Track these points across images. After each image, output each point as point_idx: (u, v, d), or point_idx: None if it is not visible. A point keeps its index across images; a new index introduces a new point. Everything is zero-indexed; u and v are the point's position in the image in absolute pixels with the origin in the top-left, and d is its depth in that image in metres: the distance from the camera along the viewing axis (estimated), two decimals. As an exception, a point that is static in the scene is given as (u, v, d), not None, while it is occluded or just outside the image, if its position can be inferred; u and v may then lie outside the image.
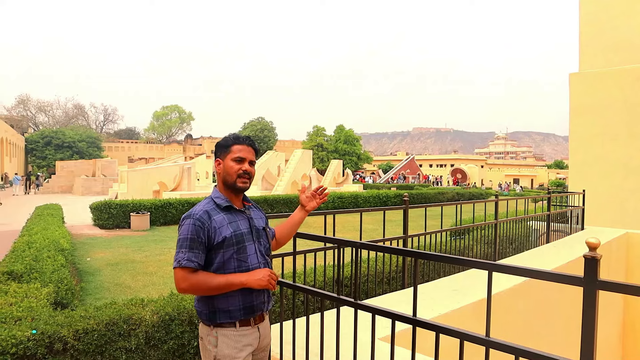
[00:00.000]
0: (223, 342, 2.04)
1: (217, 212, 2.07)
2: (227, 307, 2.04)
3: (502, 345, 1.61)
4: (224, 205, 2.11)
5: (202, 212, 2.03)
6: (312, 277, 5.33)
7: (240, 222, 2.12)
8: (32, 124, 73.12)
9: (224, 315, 2.04)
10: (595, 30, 9.16)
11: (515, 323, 4.19)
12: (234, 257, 2.05)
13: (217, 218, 2.05)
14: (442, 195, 29.14)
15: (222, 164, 2.18)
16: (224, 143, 2.20)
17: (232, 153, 2.17)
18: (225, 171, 2.16)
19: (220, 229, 2.03)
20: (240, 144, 2.18)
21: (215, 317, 2.05)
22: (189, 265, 1.95)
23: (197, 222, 2.00)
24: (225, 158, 2.18)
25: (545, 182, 64.31)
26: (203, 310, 2.08)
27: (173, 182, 24.84)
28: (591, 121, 8.96)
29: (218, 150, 2.23)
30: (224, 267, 2.03)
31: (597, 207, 8.51)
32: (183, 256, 1.96)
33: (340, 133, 62.62)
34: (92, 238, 13.31)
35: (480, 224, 6.22)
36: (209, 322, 2.07)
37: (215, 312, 2.05)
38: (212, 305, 2.05)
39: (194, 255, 1.97)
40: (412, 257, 2.02)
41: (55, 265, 5.95)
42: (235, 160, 2.16)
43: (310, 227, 15.12)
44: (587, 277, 1.46)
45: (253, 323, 2.11)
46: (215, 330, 2.05)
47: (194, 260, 1.96)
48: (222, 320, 2.04)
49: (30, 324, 3.52)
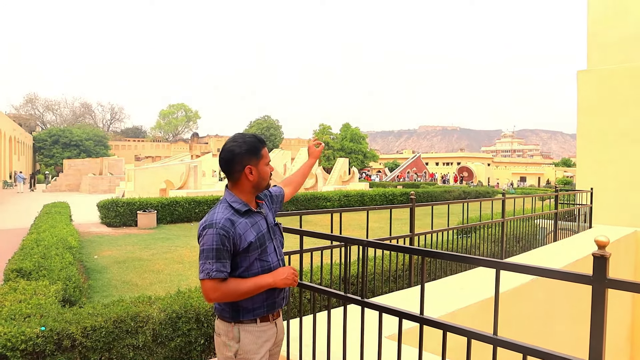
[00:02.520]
0: (246, 337, 2.04)
1: (238, 217, 2.03)
2: (251, 305, 2.05)
3: (510, 344, 1.60)
4: (244, 210, 2.06)
5: (225, 220, 1.98)
6: (319, 275, 5.33)
7: (260, 223, 2.12)
8: (40, 122, 73.62)
9: (247, 313, 2.05)
10: (603, 27, 9.08)
11: (522, 322, 4.18)
12: (257, 258, 2.05)
13: (240, 224, 2.01)
14: (449, 194, 29.03)
15: (256, 170, 2.10)
16: (255, 149, 2.10)
17: (264, 158, 2.13)
18: (260, 177, 2.12)
19: (244, 235, 2.01)
20: (264, 146, 2.15)
21: (239, 315, 2.05)
22: (219, 277, 1.93)
23: (221, 231, 1.95)
24: (259, 164, 2.11)
25: (553, 180, 63.95)
26: (225, 308, 2.07)
27: (180, 180, 24.92)
28: (599, 119, 8.89)
29: (246, 157, 2.08)
30: (249, 270, 2.03)
31: (605, 205, 8.45)
32: (211, 267, 1.92)
33: (347, 131, 62.60)
34: (99, 236, 13.39)
35: (487, 222, 6.20)
36: (230, 319, 2.06)
37: (239, 311, 2.05)
38: (235, 304, 2.05)
39: (222, 265, 1.94)
40: (419, 256, 2.01)
41: (63, 263, 6.00)
42: (266, 164, 2.15)
43: (316, 225, 15.12)
44: (596, 275, 1.45)
45: (272, 319, 2.13)
46: (237, 326, 2.05)
47: (222, 270, 1.94)
48: (245, 317, 2.05)
49: (39, 320, 3.55)
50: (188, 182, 24.37)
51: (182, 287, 6.25)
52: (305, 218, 3.40)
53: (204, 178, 30.78)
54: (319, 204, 21.36)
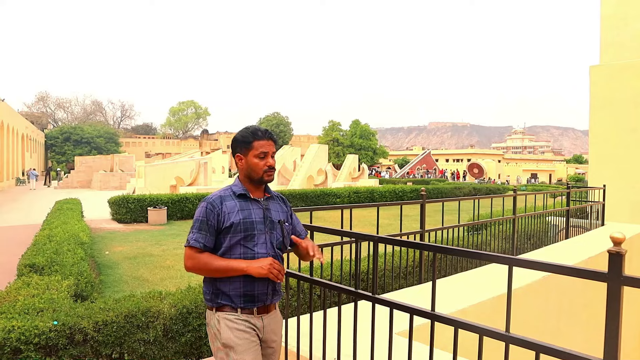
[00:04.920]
0: (225, 325, 2.06)
1: (230, 198, 2.12)
2: (228, 290, 2.07)
3: (523, 341, 1.59)
4: (239, 192, 2.14)
5: (216, 197, 2.11)
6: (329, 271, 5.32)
7: (254, 210, 2.14)
8: (52, 120, 74.34)
9: (225, 297, 2.08)
10: (616, 21, 8.95)
11: (534, 320, 4.14)
12: (241, 243, 2.08)
13: (229, 204, 2.10)
14: (459, 190, 28.88)
15: (245, 160, 2.17)
16: (243, 139, 2.18)
17: (255, 149, 2.15)
18: (249, 168, 2.16)
19: (229, 214, 2.07)
20: (260, 139, 2.16)
21: (218, 298, 2.09)
22: (195, 245, 2.03)
23: (209, 205, 2.08)
24: (248, 155, 2.16)
25: (564, 177, 63.36)
26: (207, 290, 2.13)
27: (190, 176, 25.02)
28: (612, 114, 8.78)
29: (237, 145, 2.20)
30: (230, 252, 2.07)
31: (618, 203, 8.35)
32: (192, 236, 2.05)
33: (356, 128, 62.45)
34: (110, 232, 13.50)
35: (498, 219, 6.16)
36: (211, 304, 2.11)
37: (218, 294, 2.09)
38: (215, 286, 2.10)
39: (202, 236, 2.04)
40: (431, 252, 2.00)
41: (75, 259, 6.05)
42: (258, 157, 2.15)
43: (326, 222, 15.10)
44: (611, 272, 1.43)
45: (256, 313, 2.11)
46: (217, 314, 2.08)
47: (200, 241, 2.04)
48: (223, 301, 2.07)
49: (51, 315, 3.59)
50: (198, 178, 24.46)
51: (193, 282, 6.27)
52: (315, 214, 3.39)
53: (214, 174, 30.91)
54: (328, 201, 21.35)
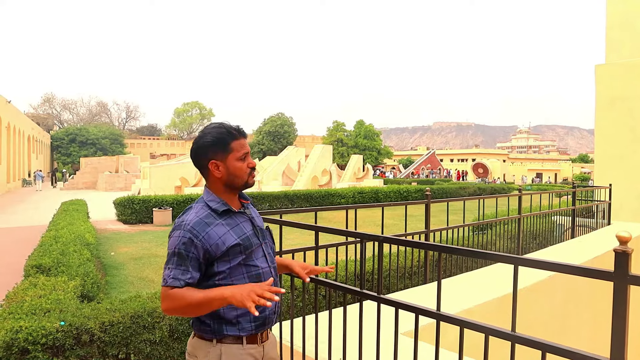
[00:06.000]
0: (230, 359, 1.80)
1: (213, 218, 1.81)
2: (234, 316, 1.81)
3: (529, 341, 1.58)
4: (222, 209, 1.84)
5: (196, 222, 1.77)
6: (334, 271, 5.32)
7: (243, 224, 1.88)
8: (57, 121, 74.72)
9: (231, 326, 1.81)
10: (622, 19, 8.90)
11: (539, 319, 4.13)
12: (242, 263, 1.83)
13: (216, 227, 1.79)
14: (464, 190, 28.82)
15: (223, 166, 1.85)
16: (218, 141, 1.85)
17: (236, 151, 1.86)
18: (231, 174, 1.86)
19: (222, 238, 1.78)
20: (238, 139, 1.88)
21: (222, 328, 1.80)
22: (175, 285, 1.70)
23: (187, 234, 1.74)
24: (227, 159, 1.85)
25: (570, 176, 63.09)
26: (206, 320, 1.81)
27: (194, 177, 25.11)
28: (618, 113, 8.73)
29: (210, 150, 1.86)
30: (231, 276, 1.80)
31: (625, 202, 8.30)
32: (169, 273, 1.72)
33: (360, 128, 62.42)
34: (116, 233, 13.56)
35: (503, 219, 6.14)
36: (211, 335, 1.82)
37: (222, 323, 1.81)
38: (216, 314, 1.80)
39: (181, 272, 1.71)
40: (436, 252, 1.99)
41: (81, 259, 6.09)
42: (240, 159, 1.87)
43: (330, 222, 15.12)
44: (617, 271, 1.42)
45: (260, 341, 1.88)
46: (219, 345, 1.80)
47: (180, 278, 1.71)
48: (229, 332, 1.80)
49: (58, 315, 3.61)
50: (203, 179, 24.52)
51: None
52: (320, 214, 3.40)
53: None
54: (333, 201, 21.35)
